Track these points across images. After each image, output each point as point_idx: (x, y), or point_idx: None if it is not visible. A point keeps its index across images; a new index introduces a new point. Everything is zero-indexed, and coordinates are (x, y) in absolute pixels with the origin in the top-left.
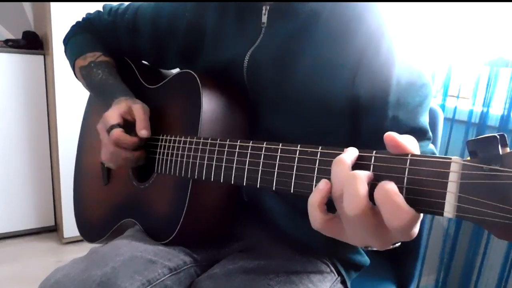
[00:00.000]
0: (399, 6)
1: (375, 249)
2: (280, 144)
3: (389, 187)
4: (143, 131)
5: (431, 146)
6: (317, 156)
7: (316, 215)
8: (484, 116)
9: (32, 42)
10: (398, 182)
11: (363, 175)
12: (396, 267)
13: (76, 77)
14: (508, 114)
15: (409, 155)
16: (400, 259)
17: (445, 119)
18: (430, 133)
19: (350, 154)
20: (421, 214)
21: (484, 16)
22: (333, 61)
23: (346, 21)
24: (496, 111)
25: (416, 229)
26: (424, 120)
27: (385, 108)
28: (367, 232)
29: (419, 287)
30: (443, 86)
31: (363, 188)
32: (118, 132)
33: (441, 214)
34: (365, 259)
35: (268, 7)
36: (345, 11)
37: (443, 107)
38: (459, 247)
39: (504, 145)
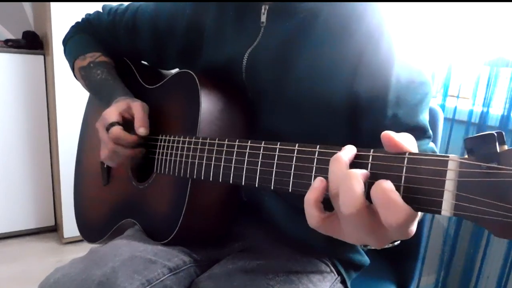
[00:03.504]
0: (398, 6)
1: (372, 247)
2: (278, 144)
3: (385, 185)
4: (141, 129)
5: (431, 144)
6: (315, 155)
7: (312, 213)
8: (484, 116)
9: (32, 42)
10: (396, 181)
11: (359, 174)
12: (396, 267)
13: (76, 77)
14: (508, 114)
15: (407, 154)
16: (400, 259)
17: (445, 119)
18: (430, 131)
19: (348, 152)
20: (419, 213)
21: (484, 16)
22: (333, 61)
23: (346, 20)
24: (496, 111)
25: (413, 227)
26: (424, 118)
27: (385, 106)
28: (364, 231)
29: (419, 287)
30: (443, 86)
31: (359, 187)
32: (117, 130)
33: (439, 213)
34: (365, 259)
35: (267, 7)
36: (344, 10)
37: (443, 107)
38: (459, 247)
39: (502, 143)
